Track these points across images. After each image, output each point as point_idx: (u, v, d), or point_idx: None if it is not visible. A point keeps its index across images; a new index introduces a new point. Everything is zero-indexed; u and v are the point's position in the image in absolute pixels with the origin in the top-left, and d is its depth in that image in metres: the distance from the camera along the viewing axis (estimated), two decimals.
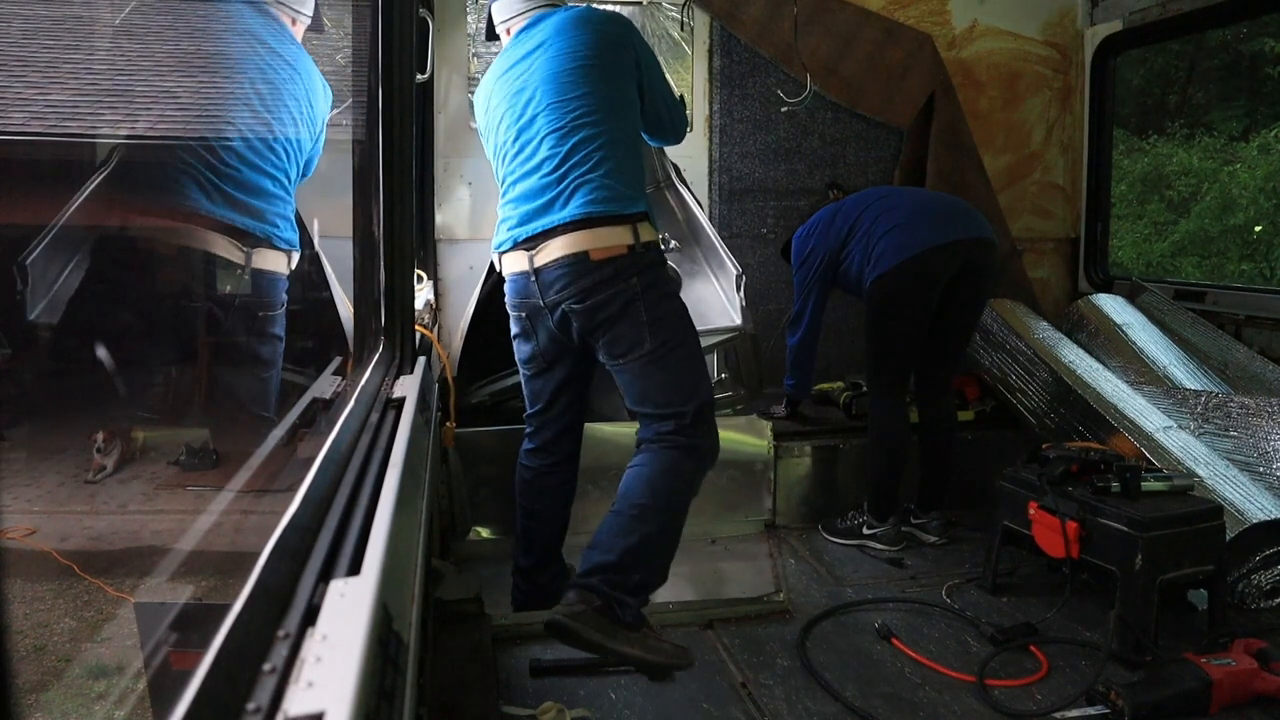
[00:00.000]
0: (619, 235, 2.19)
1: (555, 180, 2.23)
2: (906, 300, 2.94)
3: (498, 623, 2.39)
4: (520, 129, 2.32)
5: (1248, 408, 2.89)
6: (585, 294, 2.19)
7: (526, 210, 2.27)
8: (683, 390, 2.23)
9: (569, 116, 2.24)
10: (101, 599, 2.19)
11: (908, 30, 3.92)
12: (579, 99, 2.25)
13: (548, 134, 2.25)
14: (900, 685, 2.22)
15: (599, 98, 2.26)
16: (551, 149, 2.24)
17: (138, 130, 2.65)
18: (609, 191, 2.20)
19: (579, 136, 2.23)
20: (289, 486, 1.15)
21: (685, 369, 2.25)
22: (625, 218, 2.20)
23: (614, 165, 2.23)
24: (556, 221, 2.20)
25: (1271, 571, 2.60)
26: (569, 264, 2.19)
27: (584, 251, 2.17)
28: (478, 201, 3.55)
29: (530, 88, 2.31)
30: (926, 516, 3.17)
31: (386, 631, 0.84)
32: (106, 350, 2.23)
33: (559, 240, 2.20)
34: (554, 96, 2.26)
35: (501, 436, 3.09)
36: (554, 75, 2.28)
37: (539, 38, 2.35)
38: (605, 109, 2.26)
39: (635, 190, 2.27)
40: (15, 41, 2.68)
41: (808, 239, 3.21)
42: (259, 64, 2.51)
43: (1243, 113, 10.49)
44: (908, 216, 2.97)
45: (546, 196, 2.23)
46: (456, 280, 3.43)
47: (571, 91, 2.25)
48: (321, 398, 2.14)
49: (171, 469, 2.90)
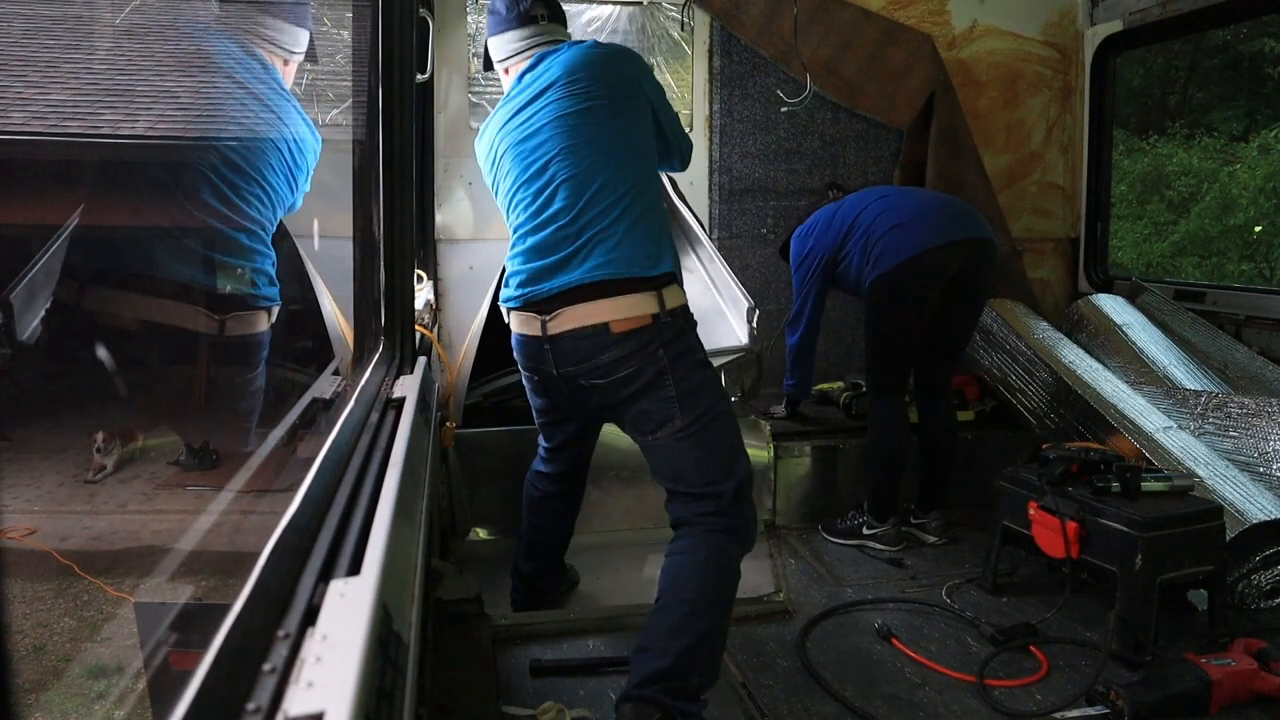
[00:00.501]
0: (643, 304, 1.99)
1: (572, 235, 2.04)
2: (906, 300, 2.94)
3: (498, 623, 2.40)
4: (531, 178, 2.14)
5: (1248, 408, 2.89)
6: (607, 370, 2.01)
7: (539, 267, 2.08)
8: (720, 467, 2.02)
9: (585, 162, 2.06)
10: (101, 599, 2.19)
11: (908, 30, 3.92)
12: (594, 143, 2.08)
13: (563, 181, 2.08)
14: (900, 685, 2.22)
15: (616, 142, 2.09)
16: (567, 199, 2.06)
17: (137, 130, 2.65)
18: (631, 250, 2.01)
19: (597, 185, 2.05)
20: (289, 486, 1.15)
21: (721, 444, 2.03)
22: (649, 281, 2.01)
23: (636, 217, 2.05)
24: (572, 282, 2.02)
25: (1271, 571, 2.60)
26: (587, 336, 2.01)
27: (604, 323, 1.99)
28: (478, 201, 3.55)
29: (541, 135, 2.12)
30: (926, 516, 3.17)
31: (386, 631, 0.84)
32: (107, 350, 2.18)
33: (576, 309, 2.02)
34: (567, 141, 2.08)
35: (501, 437, 3.09)
36: (566, 119, 2.10)
37: (546, 79, 2.16)
38: (623, 154, 2.09)
39: (659, 245, 2.07)
40: (15, 41, 2.68)
41: (806, 238, 3.21)
42: (240, 115, 2.43)
43: (1243, 113, 10.49)
44: (907, 216, 2.96)
45: (562, 253, 2.05)
46: (456, 280, 3.43)
47: (586, 134, 2.08)
48: (321, 398, 2.13)
49: (171, 469, 2.90)
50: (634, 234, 2.03)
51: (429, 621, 2.04)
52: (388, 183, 1.91)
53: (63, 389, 2.29)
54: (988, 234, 3.00)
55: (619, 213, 2.04)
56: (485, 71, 2.49)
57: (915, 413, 3.19)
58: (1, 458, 2.52)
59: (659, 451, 2.06)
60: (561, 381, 2.11)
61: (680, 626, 1.86)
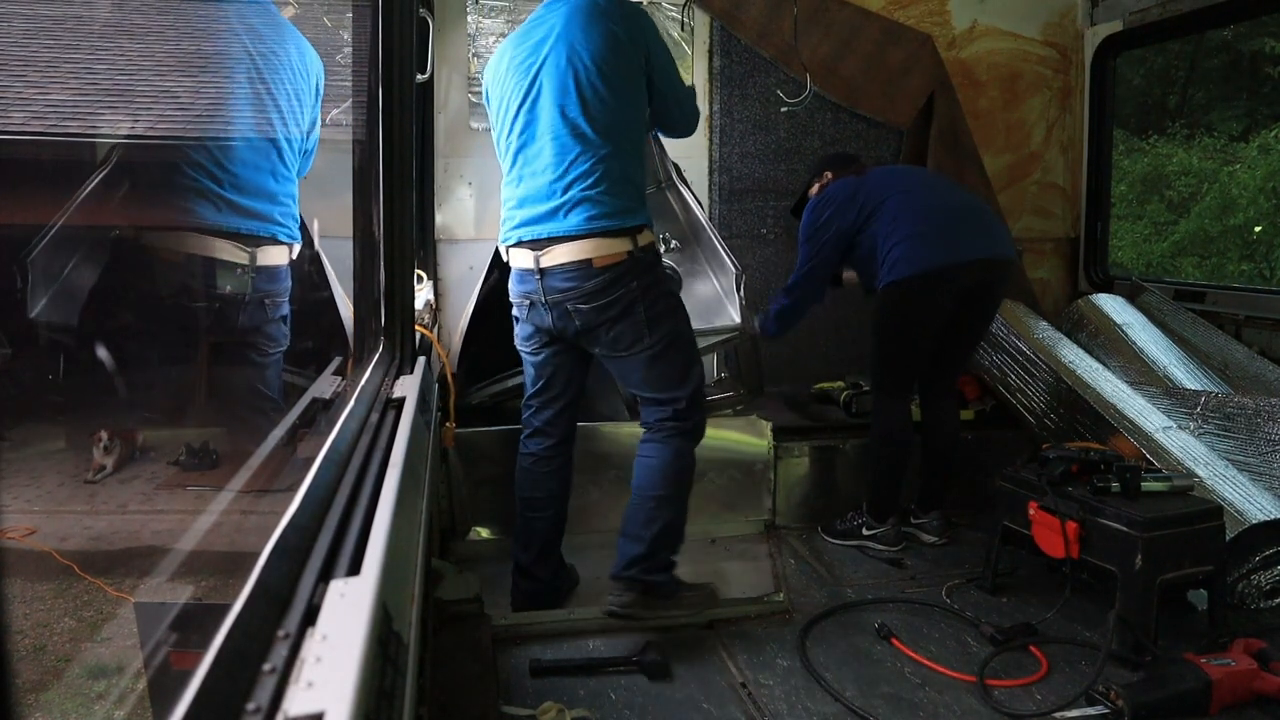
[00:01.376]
0: (620, 244, 2.33)
1: (560, 189, 2.32)
2: (918, 312, 2.91)
3: (498, 623, 2.40)
4: (526, 121, 2.39)
5: (1247, 408, 2.89)
6: (589, 297, 2.34)
7: (532, 215, 2.38)
8: (678, 379, 2.43)
9: (571, 125, 2.31)
10: (101, 599, 2.19)
11: (908, 30, 3.92)
12: (582, 109, 2.30)
13: (552, 139, 2.33)
14: (900, 685, 2.22)
15: (603, 107, 2.31)
16: (555, 154, 2.33)
17: (137, 130, 2.65)
18: (610, 208, 2.31)
19: (580, 148, 2.31)
20: (289, 486, 1.15)
21: (681, 360, 2.44)
22: (626, 229, 2.33)
23: (615, 179, 2.33)
24: (560, 232, 2.33)
25: (1271, 571, 2.60)
26: (574, 269, 2.33)
27: (587, 259, 2.32)
28: (478, 201, 3.55)
29: (539, 79, 2.36)
30: (926, 516, 3.17)
31: (386, 631, 0.84)
32: (109, 352, 2.23)
33: (563, 247, 2.33)
34: (559, 99, 2.32)
35: (501, 436, 3.09)
36: (561, 76, 2.32)
37: (552, 23, 2.37)
38: (609, 119, 2.32)
39: (635, 202, 2.38)
40: (15, 41, 2.68)
41: (824, 207, 3.05)
42: (250, 57, 2.49)
43: (1243, 113, 10.49)
44: (930, 224, 2.89)
45: (551, 204, 2.33)
46: (456, 280, 3.43)
47: (576, 97, 2.31)
48: (321, 398, 2.13)
49: (172, 469, 2.90)
50: (613, 194, 2.32)
51: (429, 621, 2.04)
52: (388, 183, 1.91)
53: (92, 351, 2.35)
54: (1006, 251, 2.95)
55: (600, 174, 2.31)
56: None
57: (918, 412, 3.19)
58: (1, 458, 2.52)
59: (629, 366, 2.43)
60: (549, 307, 2.40)
61: (651, 518, 2.39)
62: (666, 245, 3.43)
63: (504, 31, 3.78)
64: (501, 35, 3.77)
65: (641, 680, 2.22)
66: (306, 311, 2.76)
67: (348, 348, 2.42)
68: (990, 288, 2.95)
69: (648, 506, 2.40)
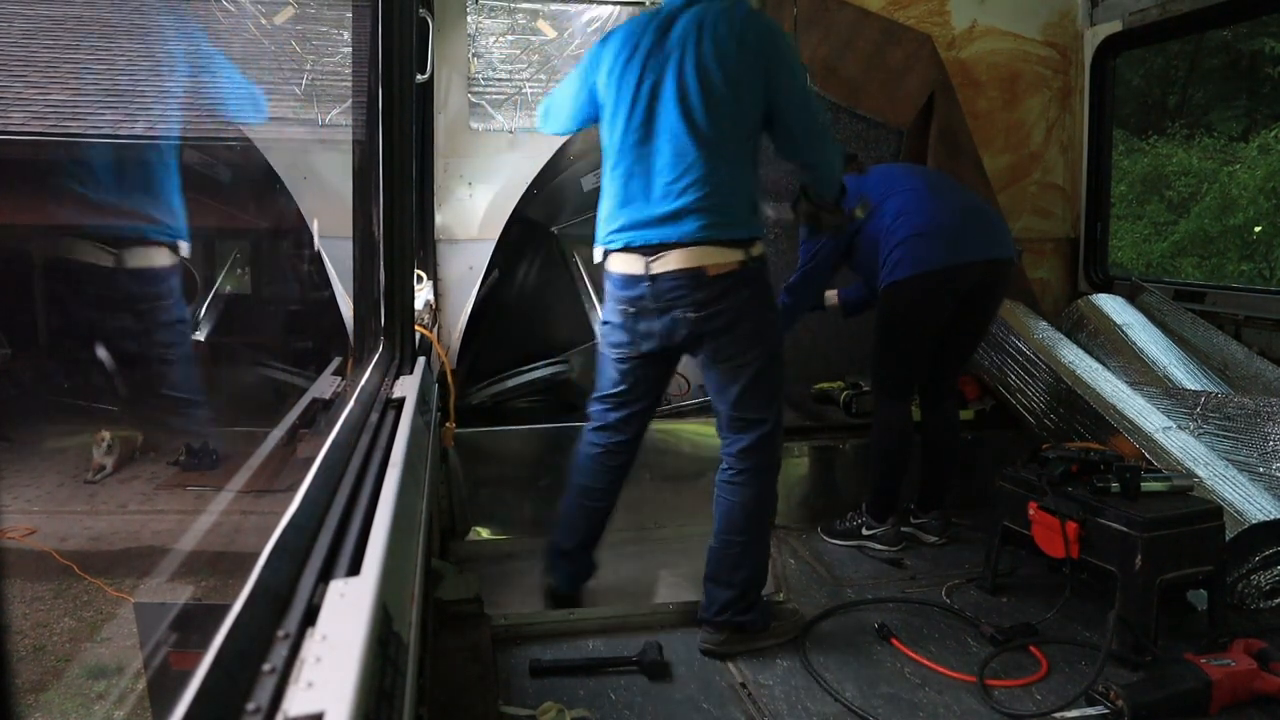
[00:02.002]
0: (733, 254, 2.29)
1: (675, 192, 2.27)
2: (919, 313, 2.91)
3: (498, 623, 2.40)
4: (643, 118, 2.32)
5: (1247, 408, 2.89)
6: (700, 305, 2.31)
7: (641, 219, 2.32)
8: (768, 398, 2.39)
9: (691, 129, 2.26)
10: (101, 599, 2.19)
11: (908, 30, 3.92)
12: (705, 114, 2.26)
13: (669, 140, 2.28)
14: (900, 685, 2.22)
15: (724, 117, 2.27)
16: (672, 156, 2.28)
17: (137, 130, 2.65)
18: (725, 217, 2.28)
19: (697, 154, 2.26)
20: (289, 486, 1.15)
21: (775, 379, 2.41)
22: (739, 241, 2.30)
23: (731, 189, 2.30)
24: (674, 238, 2.28)
25: (1271, 572, 2.60)
26: (687, 277, 2.29)
27: (701, 267, 2.28)
28: (478, 201, 3.55)
29: (660, 82, 2.30)
30: (926, 516, 3.17)
31: (386, 631, 0.84)
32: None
33: (676, 254, 2.29)
34: (680, 102, 2.27)
35: (501, 437, 3.09)
36: (685, 78, 2.27)
37: (681, 22, 2.31)
38: (729, 128, 2.28)
39: (748, 213, 2.35)
40: (15, 41, 2.68)
41: None
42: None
43: (1242, 113, 10.49)
44: (932, 224, 2.88)
45: (662, 210, 2.28)
46: (456, 280, 3.43)
47: (699, 102, 2.26)
48: (321, 398, 2.14)
49: (171, 469, 2.91)
50: (728, 208, 2.29)
51: (429, 621, 2.04)
52: (388, 183, 1.91)
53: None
54: (1007, 252, 2.96)
55: (713, 187, 2.27)
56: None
57: (918, 412, 3.18)
58: (1, 458, 2.52)
59: (727, 378, 2.38)
60: (659, 314, 2.35)
61: (738, 563, 2.38)
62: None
63: (504, 31, 3.78)
64: (502, 35, 3.77)
65: (641, 680, 2.22)
66: (306, 311, 2.76)
67: (348, 347, 2.41)
68: (991, 288, 2.95)
69: (733, 552, 2.38)
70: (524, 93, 3.79)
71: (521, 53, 3.81)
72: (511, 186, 3.49)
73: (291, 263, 3.02)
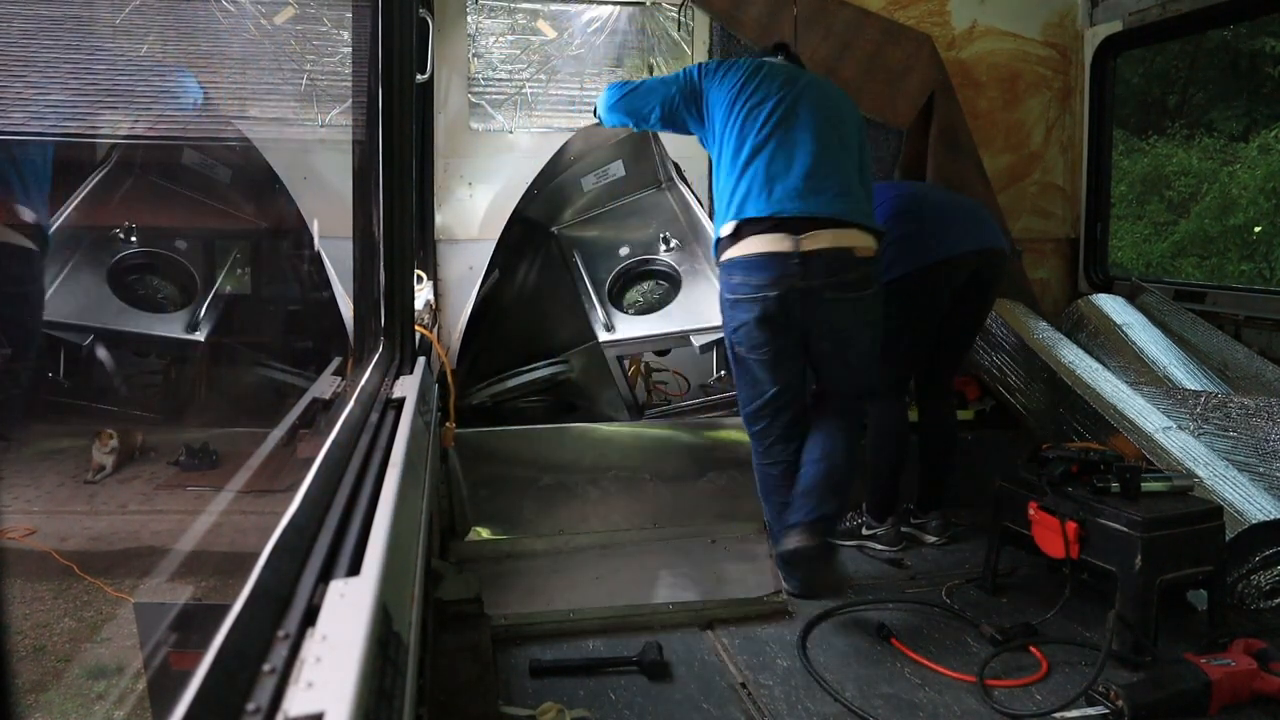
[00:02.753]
0: (872, 240, 2.52)
1: (824, 170, 2.48)
2: (914, 308, 2.92)
3: (497, 623, 2.39)
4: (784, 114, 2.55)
5: (1248, 408, 2.89)
6: (845, 287, 2.46)
7: (789, 189, 2.46)
8: (872, 376, 2.69)
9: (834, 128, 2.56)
10: (101, 599, 2.19)
11: (908, 30, 3.92)
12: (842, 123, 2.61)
13: (814, 134, 2.52)
14: (900, 685, 2.22)
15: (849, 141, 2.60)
16: (817, 146, 2.51)
17: (137, 130, 2.64)
18: (865, 204, 2.56)
19: (840, 149, 2.55)
20: (289, 486, 1.15)
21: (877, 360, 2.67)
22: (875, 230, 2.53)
23: (861, 193, 2.57)
24: (824, 211, 2.43)
25: (1271, 572, 2.60)
26: (838, 256, 2.44)
27: (850, 248, 2.44)
28: (478, 201, 3.55)
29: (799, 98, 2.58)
30: (926, 516, 3.17)
31: (386, 631, 0.84)
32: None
33: (827, 233, 2.43)
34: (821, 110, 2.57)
35: (501, 437, 3.09)
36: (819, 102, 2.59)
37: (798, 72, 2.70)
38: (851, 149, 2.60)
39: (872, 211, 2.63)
40: (15, 41, 2.68)
41: None
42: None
43: (1243, 113, 10.48)
44: (919, 223, 2.92)
45: (814, 182, 2.46)
46: (456, 280, 3.43)
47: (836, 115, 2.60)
48: (321, 398, 2.14)
49: (172, 469, 2.91)
50: (864, 194, 2.58)
51: (429, 621, 2.04)
52: (388, 183, 1.91)
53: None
54: (999, 243, 2.98)
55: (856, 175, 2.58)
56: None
57: (915, 412, 3.19)
58: (1, 458, 2.52)
59: (846, 358, 2.60)
60: (801, 295, 2.45)
61: (837, 489, 2.57)
62: (666, 244, 3.44)
63: (504, 31, 3.79)
64: (501, 35, 3.77)
65: (641, 680, 2.22)
66: (306, 311, 2.76)
67: (348, 347, 2.40)
68: (985, 281, 2.96)
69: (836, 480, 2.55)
70: (524, 93, 3.79)
71: (521, 53, 3.81)
72: (511, 186, 3.49)
73: (291, 263, 3.01)
